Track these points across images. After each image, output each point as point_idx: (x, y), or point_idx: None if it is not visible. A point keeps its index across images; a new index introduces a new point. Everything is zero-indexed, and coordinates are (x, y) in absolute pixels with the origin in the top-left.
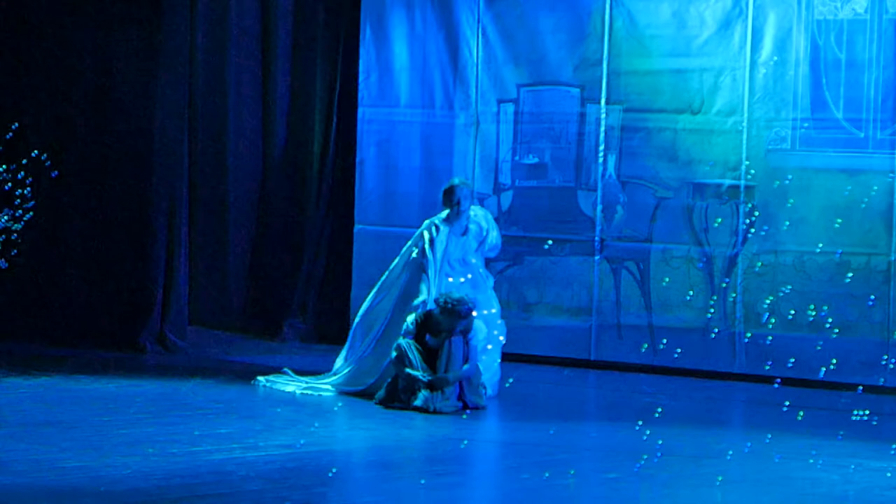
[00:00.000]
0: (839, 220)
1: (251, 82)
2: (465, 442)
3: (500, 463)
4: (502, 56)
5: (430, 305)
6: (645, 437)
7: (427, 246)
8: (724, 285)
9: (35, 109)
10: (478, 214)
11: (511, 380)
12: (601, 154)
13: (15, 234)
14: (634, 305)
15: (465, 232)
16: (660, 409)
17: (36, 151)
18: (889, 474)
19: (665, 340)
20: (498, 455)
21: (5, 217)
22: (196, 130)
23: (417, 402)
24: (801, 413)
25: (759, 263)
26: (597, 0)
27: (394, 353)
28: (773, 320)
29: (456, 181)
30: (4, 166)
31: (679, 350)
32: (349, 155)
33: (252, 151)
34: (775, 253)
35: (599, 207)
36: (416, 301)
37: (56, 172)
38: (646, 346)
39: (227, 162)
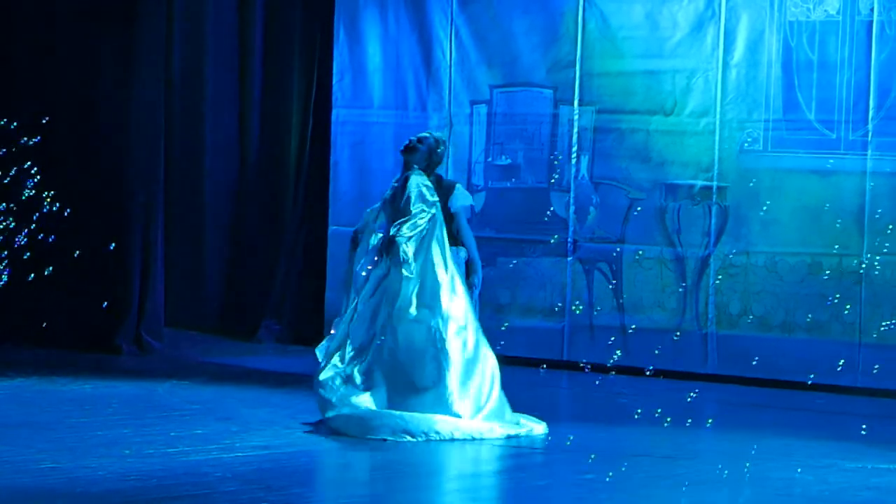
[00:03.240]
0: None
1: (228, 85)
2: (437, 446)
3: (475, 464)
4: (475, 57)
5: None
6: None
7: None
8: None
9: (15, 113)
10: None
11: None
12: (574, 155)
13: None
14: (607, 306)
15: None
16: (639, 410)
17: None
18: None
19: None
20: (472, 457)
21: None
22: (173, 132)
23: None
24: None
25: (731, 264)
26: (570, 2)
27: None
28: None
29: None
30: None
31: (653, 350)
32: (324, 156)
33: (228, 153)
34: (747, 254)
35: (572, 208)
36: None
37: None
38: (618, 352)
39: (204, 164)
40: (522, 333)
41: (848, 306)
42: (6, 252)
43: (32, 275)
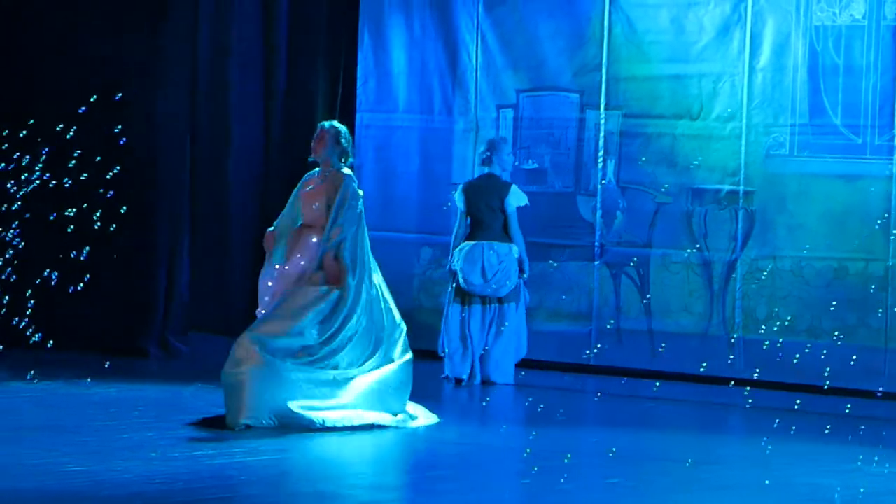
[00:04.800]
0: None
1: (253, 89)
2: (463, 449)
3: (501, 468)
4: (501, 61)
5: None
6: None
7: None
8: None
9: (41, 114)
10: None
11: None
12: (600, 159)
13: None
14: (634, 310)
15: None
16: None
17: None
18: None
19: (664, 344)
20: (498, 460)
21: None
22: (198, 136)
23: None
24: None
25: (758, 269)
26: (596, 6)
27: None
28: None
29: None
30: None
31: (679, 355)
32: None
33: (253, 158)
34: (774, 258)
35: (599, 213)
36: None
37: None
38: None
39: (229, 167)
40: (549, 337)
41: (880, 310)
42: (30, 257)
43: (59, 278)
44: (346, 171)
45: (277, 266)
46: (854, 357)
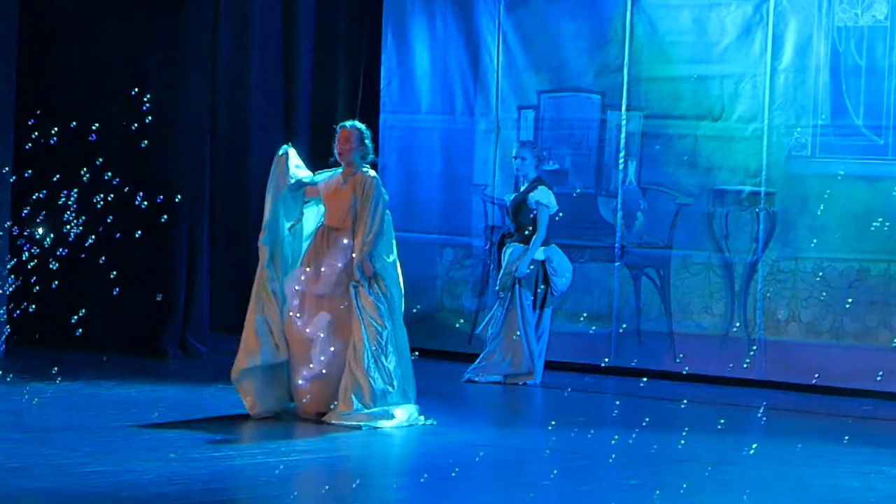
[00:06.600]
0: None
1: (275, 89)
2: (483, 450)
3: (521, 469)
4: (523, 62)
5: None
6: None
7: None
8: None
9: (63, 115)
10: None
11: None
12: (621, 160)
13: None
14: (654, 312)
15: None
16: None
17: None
18: None
19: (682, 355)
20: (518, 461)
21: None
22: (219, 137)
23: None
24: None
25: (779, 270)
26: (618, 7)
27: None
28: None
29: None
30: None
31: (699, 357)
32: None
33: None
34: (795, 259)
35: (620, 214)
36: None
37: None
38: None
39: (250, 168)
40: (569, 338)
41: None
42: (51, 258)
43: (80, 279)
44: (372, 172)
45: (308, 269)
46: (875, 359)
